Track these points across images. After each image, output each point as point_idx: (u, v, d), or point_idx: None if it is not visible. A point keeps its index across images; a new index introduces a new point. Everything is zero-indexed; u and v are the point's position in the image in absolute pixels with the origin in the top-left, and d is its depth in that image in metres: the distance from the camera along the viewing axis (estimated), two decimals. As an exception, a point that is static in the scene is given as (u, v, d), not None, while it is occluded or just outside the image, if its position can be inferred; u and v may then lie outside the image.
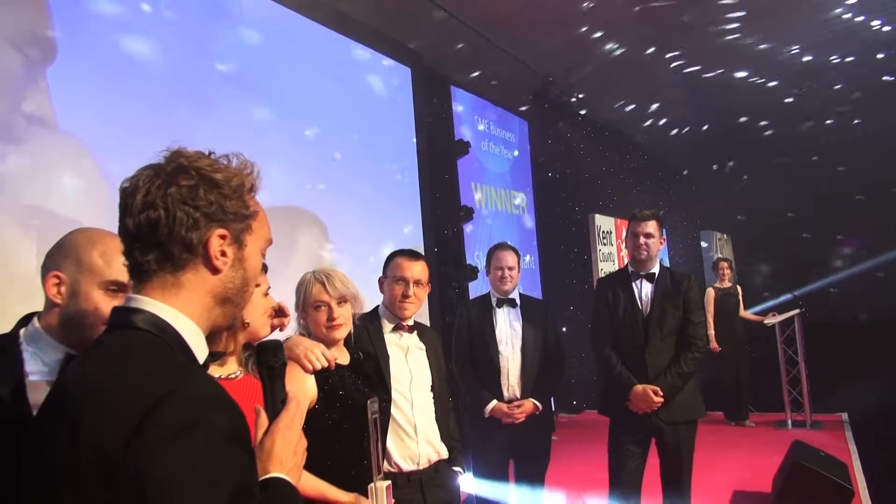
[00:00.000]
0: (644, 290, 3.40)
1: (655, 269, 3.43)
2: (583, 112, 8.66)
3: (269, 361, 1.17)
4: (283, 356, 1.19)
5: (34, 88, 2.84)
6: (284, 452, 1.07)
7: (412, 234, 5.38)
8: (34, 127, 2.81)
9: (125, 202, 0.99)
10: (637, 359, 3.31)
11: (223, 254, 1.01)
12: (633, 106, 9.37)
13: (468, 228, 6.26)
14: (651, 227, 3.37)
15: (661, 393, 3.23)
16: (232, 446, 0.86)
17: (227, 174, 1.02)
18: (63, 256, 1.34)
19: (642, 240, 3.37)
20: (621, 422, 3.38)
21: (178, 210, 0.97)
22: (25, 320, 1.38)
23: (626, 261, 3.50)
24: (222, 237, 1.01)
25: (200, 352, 1.02)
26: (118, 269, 1.26)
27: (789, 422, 6.60)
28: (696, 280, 3.50)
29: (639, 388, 3.24)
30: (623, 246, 8.71)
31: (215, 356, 1.66)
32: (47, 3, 2.95)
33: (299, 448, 1.11)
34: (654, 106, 9.62)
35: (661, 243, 3.42)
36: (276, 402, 1.14)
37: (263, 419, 1.12)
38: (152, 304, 0.98)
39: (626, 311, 3.38)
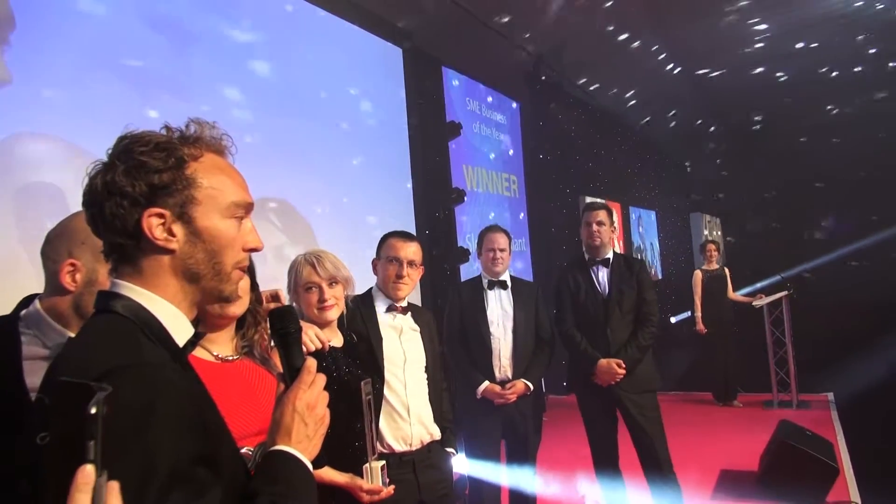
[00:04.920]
0: (601, 275, 3.72)
1: (610, 255, 3.73)
2: (574, 91, 8.64)
3: (280, 328, 1.12)
4: (296, 322, 1.13)
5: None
6: (293, 423, 1.05)
7: (403, 215, 5.37)
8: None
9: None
10: (599, 336, 3.60)
11: (170, 232, 0.98)
12: (624, 88, 9.35)
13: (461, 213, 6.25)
14: (602, 216, 3.70)
15: (623, 365, 3.48)
16: (172, 429, 0.84)
17: (157, 152, 0.97)
18: (78, 243, 1.31)
19: (595, 227, 3.68)
20: (587, 395, 3.66)
21: (105, 202, 0.96)
22: (26, 302, 1.36)
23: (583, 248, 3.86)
24: (160, 217, 0.97)
25: (181, 332, 1.01)
26: None
27: (776, 402, 6.69)
28: (646, 263, 3.73)
29: (603, 362, 3.52)
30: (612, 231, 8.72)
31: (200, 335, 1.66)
32: None
33: (310, 418, 1.07)
34: (646, 89, 9.59)
35: (612, 231, 3.75)
36: (292, 370, 1.10)
37: (281, 388, 1.10)
38: (129, 287, 0.99)
39: (587, 294, 3.69)
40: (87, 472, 0.69)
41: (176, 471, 0.83)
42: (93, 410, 0.69)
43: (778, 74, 9.62)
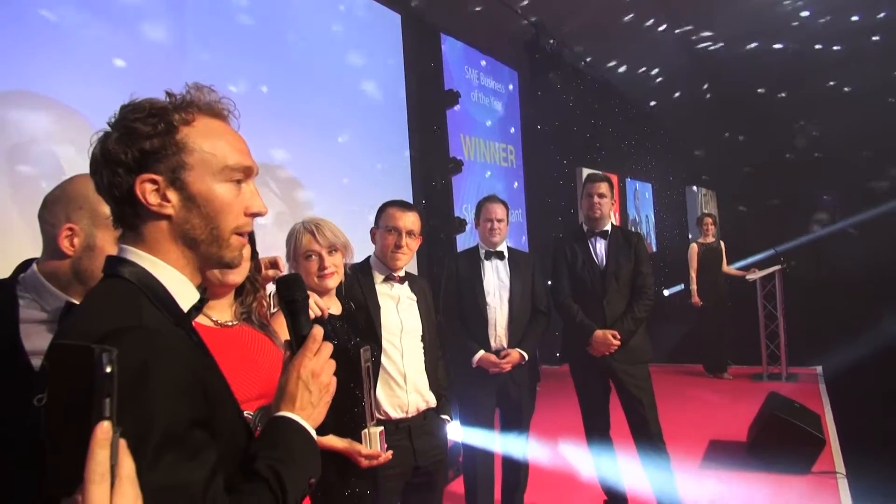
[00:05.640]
0: (599, 246, 3.73)
1: (608, 227, 3.74)
2: (573, 62, 8.56)
3: (287, 296, 1.13)
4: (303, 291, 1.14)
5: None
6: (297, 391, 1.07)
7: (399, 184, 5.35)
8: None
9: None
10: (596, 307, 3.62)
11: (164, 198, 0.98)
12: (623, 60, 9.26)
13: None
14: (604, 188, 3.69)
15: (619, 336, 3.52)
16: (167, 391, 0.85)
17: (149, 118, 0.98)
18: (76, 208, 1.31)
19: (596, 199, 3.68)
20: (581, 365, 3.69)
21: (102, 170, 0.98)
22: (24, 266, 1.36)
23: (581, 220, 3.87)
24: (153, 182, 0.97)
25: (186, 298, 1.02)
26: None
27: (766, 375, 6.78)
28: (643, 237, 3.75)
29: (599, 332, 3.54)
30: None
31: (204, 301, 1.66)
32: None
33: (314, 386, 1.08)
34: (645, 60, 9.52)
35: (612, 203, 3.75)
36: (298, 337, 1.11)
37: (287, 356, 1.12)
38: (135, 253, 1.00)
39: (584, 265, 3.70)
40: (106, 428, 0.71)
41: (170, 432, 0.84)
42: (108, 369, 0.71)
43: (778, 46, 9.54)
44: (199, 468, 0.87)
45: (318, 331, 1.12)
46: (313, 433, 1.08)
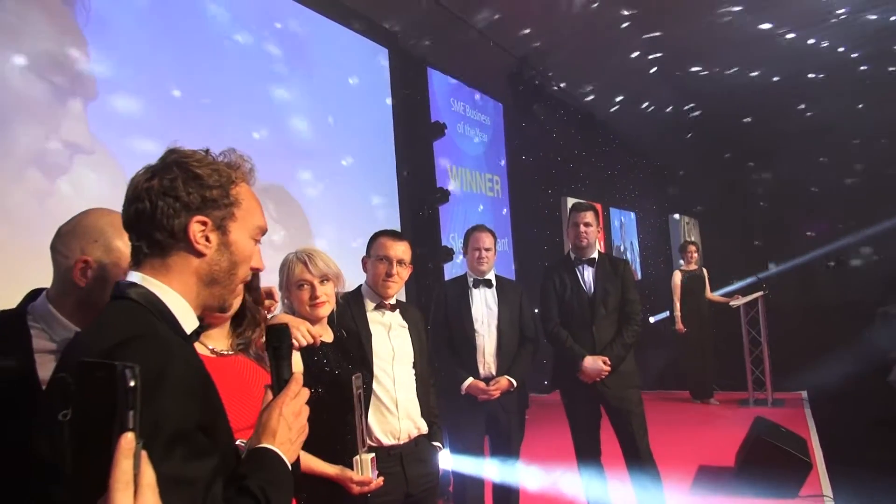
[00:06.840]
0: (586, 274, 3.78)
1: (595, 255, 3.81)
2: (557, 93, 8.73)
3: (274, 343, 1.23)
4: (289, 339, 1.24)
5: (70, 115, 2.89)
6: (278, 427, 1.15)
7: (388, 214, 5.41)
8: (72, 154, 2.89)
9: (125, 196, 1.12)
10: (584, 334, 3.69)
11: (207, 239, 1.11)
12: (606, 91, 9.45)
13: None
14: (589, 216, 3.75)
15: (609, 362, 3.57)
16: (179, 394, 0.93)
17: (211, 169, 1.13)
18: (90, 241, 1.35)
19: (582, 228, 3.74)
20: (572, 391, 3.72)
21: (159, 201, 1.09)
22: (33, 296, 1.38)
23: (568, 248, 3.92)
24: (202, 223, 1.10)
25: (188, 323, 1.11)
26: None
27: (752, 400, 6.82)
28: (630, 264, 3.85)
29: (589, 358, 3.60)
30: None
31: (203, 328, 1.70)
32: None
33: (294, 425, 1.17)
34: (628, 92, 9.70)
35: (598, 232, 3.83)
36: (280, 381, 1.21)
37: (269, 396, 1.20)
38: (143, 279, 1.09)
39: (573, 293, 3.75)
40: (130, 439, 0.76)
41: (181, 430, 0.92)
42: (132, 383, 0.77)
43: (761, 76, 9.74)
44: (202, 468, 0.96)
45: (298, 376, 1.22)
46: (289, 466, 1.16)
